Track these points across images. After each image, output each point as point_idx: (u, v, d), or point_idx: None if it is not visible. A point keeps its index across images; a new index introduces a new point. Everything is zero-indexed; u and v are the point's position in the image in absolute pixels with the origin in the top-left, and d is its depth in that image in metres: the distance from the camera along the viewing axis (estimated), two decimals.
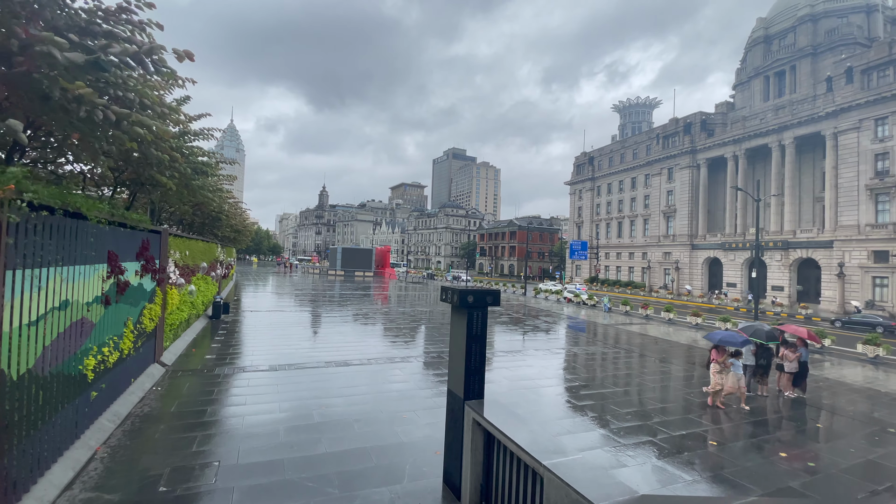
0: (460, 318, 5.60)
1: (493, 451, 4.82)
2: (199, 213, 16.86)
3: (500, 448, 4.62)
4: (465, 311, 5.46)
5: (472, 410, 5.06)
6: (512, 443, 4.11)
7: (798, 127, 52.29)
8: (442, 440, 7.24)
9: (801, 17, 59.27)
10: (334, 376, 10.99)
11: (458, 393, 5.56)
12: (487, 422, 4.65)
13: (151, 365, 10.24)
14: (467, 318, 5.46)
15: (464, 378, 5.42)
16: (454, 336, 5.77)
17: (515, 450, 4.07)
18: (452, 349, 5.81)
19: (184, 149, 9.24)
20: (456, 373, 5.64)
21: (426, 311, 26.57)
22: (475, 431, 5.04)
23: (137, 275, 8.66)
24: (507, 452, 4.41)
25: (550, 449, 3.93)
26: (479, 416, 4.90)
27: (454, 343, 5.76)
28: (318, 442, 7.02)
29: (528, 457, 3.89)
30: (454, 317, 5.79)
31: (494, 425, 4.47)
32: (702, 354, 16.84)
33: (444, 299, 5.76)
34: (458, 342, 5.64)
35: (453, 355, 5.76)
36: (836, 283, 46.14)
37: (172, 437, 6.91)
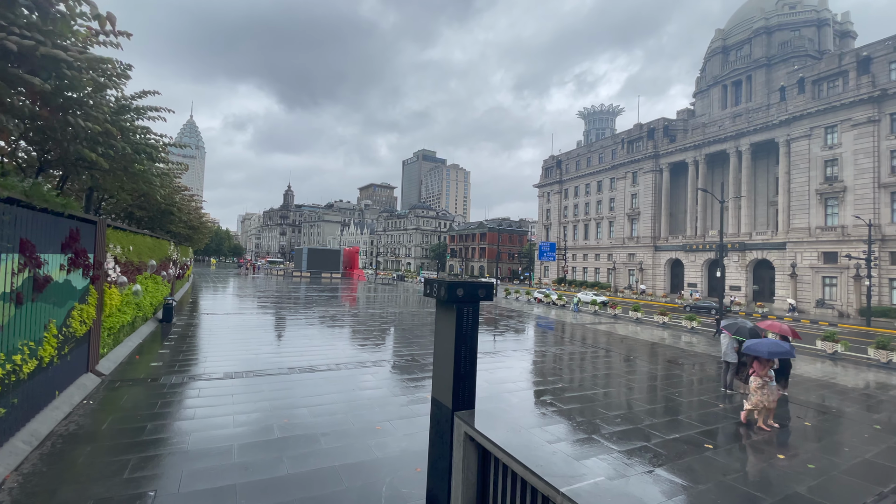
0: (447, 314, 4.83)
1: (489, 470, 4.07)
2: (145, 204, 15.31)
3: (499, 467, 3.88)
4: (454, 307, 4.70)
5: (464, 423, 4.30)
6: (517, 464, 3.38)
7: (754, 134, 54.60)
8: (422, 454, 6.45)
9: (757, 30, 62.09)
10: (298, 384, 9.97)
11: (444, 402, 4.78)
12: (485, 438, 3.90)
13: (84, 375, 8.92)
14: (456, 316, 4.69)
15: (452, 385, 4.65)
16: (440, 336, 5.00)
17: (522, 472, 3.34)
18: (438, 352, 5.03)
19: (122, 122, 8.02)
20: (442, 379, 4.86)
21: (397, 313, 25.63)
22: (467, 447, 4.28)
23: (63, 269, 7.42)
24: (509, 473, 3.68)
25: (565, 472, 3.23)
26: (472, 431, 4.15)
27: (440, 344, 4.98)
28: (279, 461, 6.07)
29: (539, 481, 3.16)
30: (440, 314, 5.01)
31: (495, 443, 3.73)
32: (678, 351, 16.77)
33: (429, 293, 4.98)
34: (444, 343, 4.87)
35: (439, 359, 4.98)
36: (789, 283, 48.26)
37: (101, 461, 5.79)
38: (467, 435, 4.27)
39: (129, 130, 8.29)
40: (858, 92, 43.84)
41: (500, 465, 3.80)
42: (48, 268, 6.75)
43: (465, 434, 4.29)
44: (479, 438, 4.04)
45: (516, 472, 3.49)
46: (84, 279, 8.63)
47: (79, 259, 8.01)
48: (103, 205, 14.24)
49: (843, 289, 43.92)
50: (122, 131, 7.81)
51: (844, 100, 44.88)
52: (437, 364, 5.02)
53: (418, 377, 11.13)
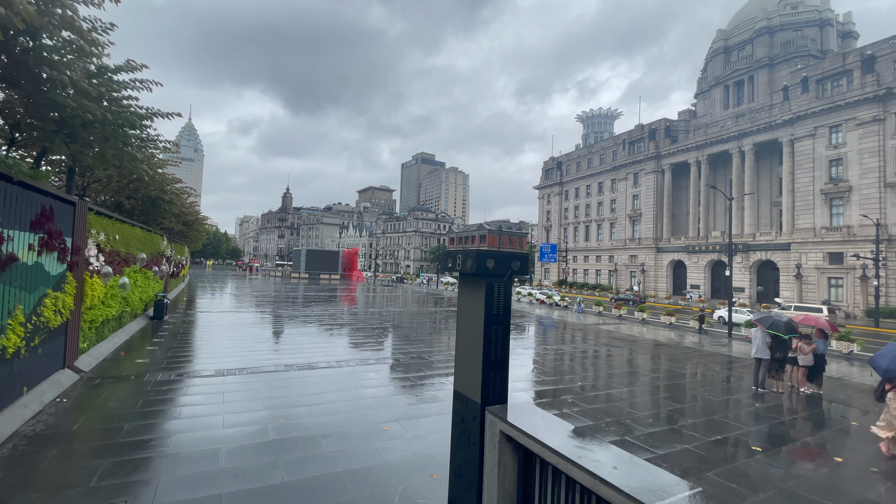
0: (474, 291, 4.06)
1: (533, 477, 3.29)
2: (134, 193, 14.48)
3: (548, 475, 3.10)
4: (483, 282, 3.92)
5: (499, 420, 3.51)
6: (584, 473, 2.60)
7: (757, 134, 54.08)
8: (438, 458, 5.66)
9: (759, 30, 61.74)
10: (296, 382, 9.17)
11: (471, 396, 4.00)
12: (532, 439, 3.11)
13: (59, 371, 8.10)
14: (486, 292, 3.92)
15: (481, 375, 3.87)
16: (464, 318, 4.22)
17: (589, 483, 2.56)
18: (462, 337, 4.25)
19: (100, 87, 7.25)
20: (467, 369, 4.08)
21: (399, 312, 24.82)
22: (504, 450, 3.49)
23: (33, 250, 6.61)
24: (566, 483, 2.90)
25: (651, 484, 2.45)
26: (511, 429, 3.37)
27: (464, 328, 4.20)
28: (273, 467, 5.26)
29: (617, 495, 2.38)
30: (464, 291, 4.24)
31: (549, 446, 2.94)
32: (693, 351, 16.01)
33: (451, 267, 4.21)
34: (470, 326, 4.09)
35: (463, 345, 4.20)
36: (794, 284, 47.62)
37: (67, 467, 4.98)
38: (504, 435, 3.49)
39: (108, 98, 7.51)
40: (863, 91, 43.34)
41: (555, 474, 3.02)
42: (12, 245, 5.95)
43: (500, 434, 3.50)
44: (521, 439, 3.25)
45: (580, 483, 2.71)
46: (60, 265, 7.82)
47: (52, 241, 7.20)
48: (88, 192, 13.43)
49: (850, 290, 43.27)
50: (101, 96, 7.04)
51: (849, 99, 44.39)
52: (462, 351, 4.24)
53: (426, 375, 10.34)
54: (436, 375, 10.33)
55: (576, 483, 2.79)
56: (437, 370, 10.89)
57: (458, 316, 4.34)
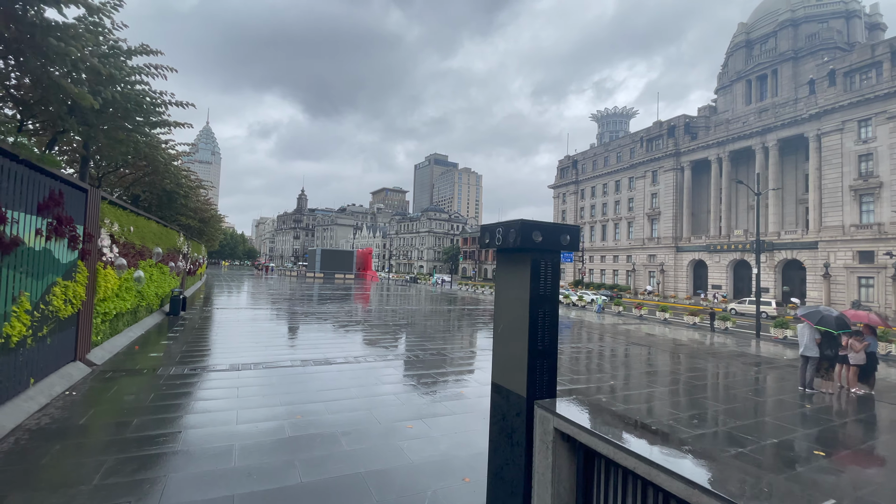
0: (517, 270, 3.56)
1: (597, 483, 2.77)
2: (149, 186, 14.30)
3: (616, 480, 2.59)
4: (528, 258, 3.43)
5: (552, 416, 3.01)
6: (679, 481, 2.07)
7: (781, 129, 52.42)
8: (470, 460, 5.17)
9: (782, 22, 59.92)
10: (313, 377, 8.76)
11: (513, 389, 3.50)
12: (602, 438, 2.59)
13: (70, 363, 7.82)
14: (531, 270, 3.41)
15: (527, 365, 3.37)
16: (504, 301, 3.73)
17: (684, 493, 2.04)
18: (501, 323, 3.76)
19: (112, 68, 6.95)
20: (510, 359, 3.58)
21: (416, 310, 24.39)
22: (558, 450, 2.99)
23: (40, 235, 6.31)
24: (642, 490, 2.38)
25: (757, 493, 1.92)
26: (569, 426, 2.85)
27: (504, 312, 3.71)
28: (290, 467, 4.83)
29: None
30: (505, 271, 3.74)
31: (630, 449, 2.41)
32: (723, 349, 15.22)
33: (488, 243, 3.73)
34: (512, 310, 3.59)
35: (503, 332, 3.71)
36: (822, 284, 45.95)
37: (70, 463, 4.62)
38: (559, 433, 2.98)
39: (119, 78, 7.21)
40: (893, 83, 41.61)
41: (627, 480, 2.50)
42: (17, 228, 5.64)
43: (554, 432, 3.00)
44: (583, 437, 2.73)
45: (667, 492, 2.18)
46: (71, 253, 7.54)
47: (62, 227, 6.91)
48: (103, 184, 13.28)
49: (881, 289, 41.53)
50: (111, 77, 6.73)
51: (879, 92, 42.67)
52: (501, 339, 3.74)
53: (447, 371, 9.85)
54: (457, 372, 9.84)
55: (660, 492, 2.27)
56: (458, 366, 10.40)
57: (497, 299, 3.84)
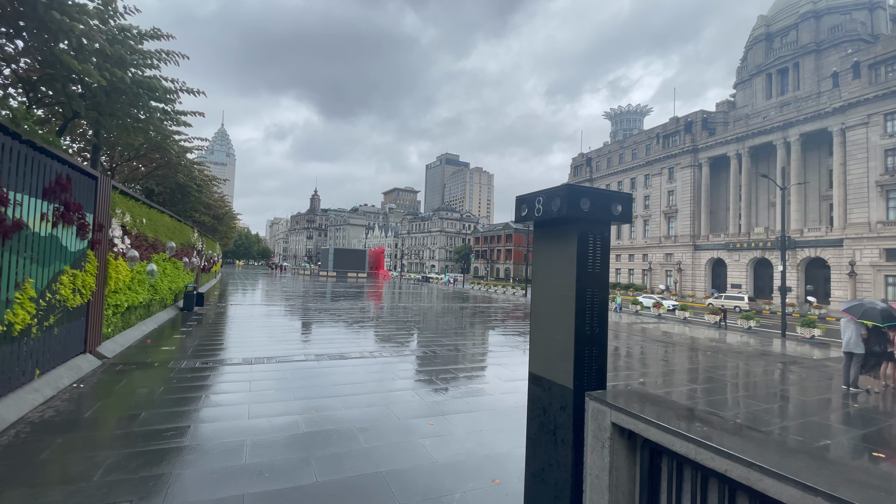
0: (561, 243, 3.13)
1: (671, 487, 2.34)
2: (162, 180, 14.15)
3: (696, 483, 2.16)
4: (574, 230, 3.00)
5: (610, 409, 2.58)
6: (793, 486, 1.64)
7: (804, 123, 50.91)
8: (498, 459, 4.75)
9: (804, 14, 58.24)
10: (328, 371, 8.43)
11: (556, 380, 3.08)
12: (681, 436, 2.15)
13: (80, 356, 7.59)
14: (578, 244, 2.99)
15: (573, 353, 2.94)
16: (544, 281, 3.31)
17: (799, 500, 1.61)
18: (540, 306, 3.34)
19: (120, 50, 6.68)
20: (551, 345, 3.17)
21: (430, 307, 24.03)
22: (617, 449, 2.56)
23: (46, 220, 6.06)
24: (731, 494, 1.95)
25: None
26: (633, 421, 2.42)
27: (545, 294, 3.29)
28: (305, 464, 4.46)
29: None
30: (545, 247, 3.32)
31: (723, 449, 1.98)
32: (749, 348, 14.54)
33: (525, 216, 3.31)
34: (554, 290, 3.17)
35: (543, 317, 3.29)
36: (847, 283, 44.47)
37: (71, 458, 4.32)
38: (618, 429, 2.55)
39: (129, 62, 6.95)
40: None
41: (718, 485, 2.07)
42: (21, 211, 5.39)
43: (612, 428, 2.57)
44: (652, 434, 2.30)
45: (771, 498, 1.75)
46: (80, 241, 7.31)
47: (70, 213, 6.67)
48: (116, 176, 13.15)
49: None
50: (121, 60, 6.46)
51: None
52: (540, 325, 3.32)
53: (466, 367, 9.44)
54: (476, 367, 9.42)
55: (758, 498, 1.84)
56: (476, 362, 9.99)
57: (535, 279, 3.42)
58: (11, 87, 7.50)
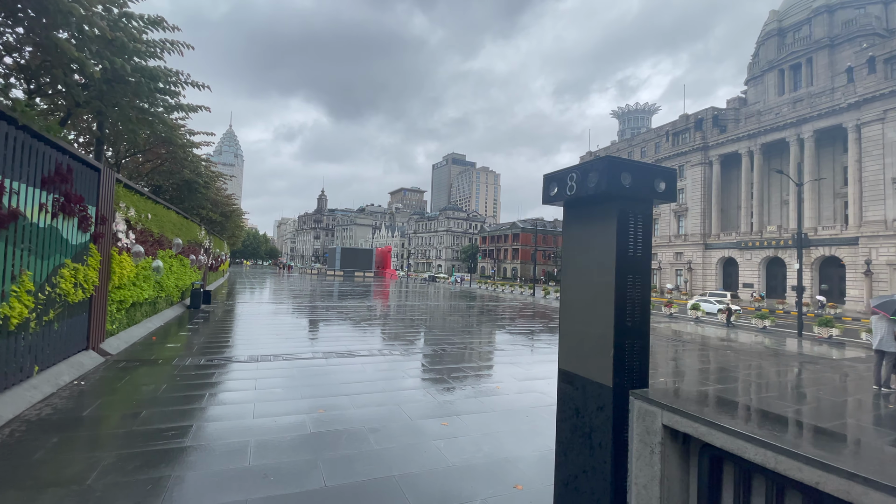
0: (597, 224, 2.81)
1: (737, 502, 2.02)
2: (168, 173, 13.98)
3: (771, 496, 1.83)
4: (614, 208, 2.68)
5: (661, 409, 2.25)
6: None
7: (818, 120, 49.98)
8: (517, 463, 4.44)
9: (817, 9, 57.24)
10: (336, 369, 8.16)
11: (593, 378, 2.76)
12: (757, 441, 1.81)
13: (82, 352, 7.39)
14: (618, 223, 2.67)
15: (613, 346, 2.63)
16: (576, 267, 2.99)
17: None
18: (571, 295, 3.03)
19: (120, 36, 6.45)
20: (586, 339, 2.85)
21: (437, 305, 23.74)
22: (669, 456, 2.24)
23: (44, 211, 5.84)
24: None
25: None
26: (693, 423, 2.10)
27: (578, 281, 2.97)
28: (312, 467, 4.18)
29: None
30: (577, 230, 3.00)
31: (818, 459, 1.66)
32: (769, 348, 14.09)
33: (555, 196, 3.00)
34: (590, 276, 2.85)
35: (576, 307, 2.97)
36: (863, 282, 43.57)
37: (65, 459, 4.07)
38: (670, 432, 2.22)
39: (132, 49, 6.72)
40: None
41: (802, 499, 1.74)
42: (17, 200, 5.16)
43: (663, 431, 2.24)
44: (720, 440, 1.97)
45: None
46: (82, 234, 7.10)
47: (71, 205, 6.45)
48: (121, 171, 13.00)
49: None
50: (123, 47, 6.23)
51: None
52: (572, 316, 3.00)
53: (479, 366, 9.13)
54: (489, 366, 9.11)
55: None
56: (489, 361, 9.67)
57: (566, 266, 3.10)
58: (13, 78, 7.32)
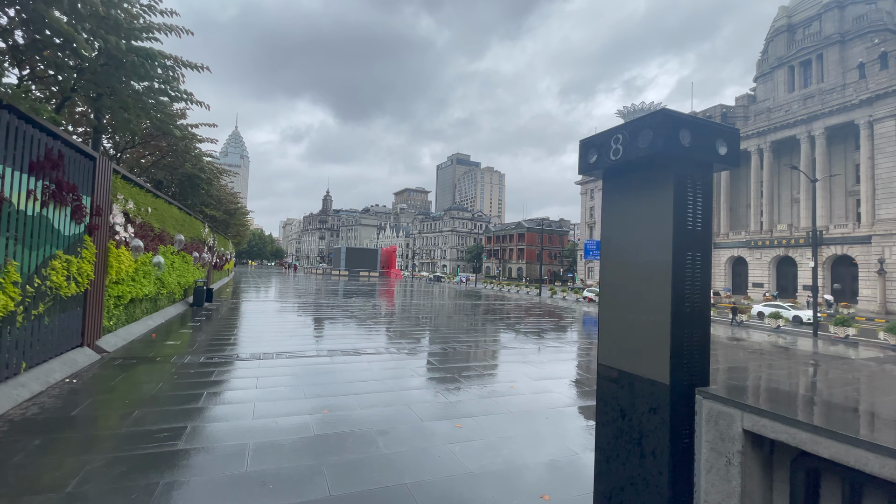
0: (650, 194, 2.41)
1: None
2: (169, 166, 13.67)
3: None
4: (670, 174, 2.28)
5: (741, 411, 1.85)
6: None
7: (829, 116, 49.18)
8: (539, 471, 4.02)
9: (827, 4, 56.41)
10: (341, 368, 7.78)
11: (644, 374, 2.36)
12: (880, 450, 1.43)
13: (77, 349, 7.05)
14: (675, 192, 2.27)
15: (670, 337, 2.22)
16: (621, 244, 2.58)
17: None
18: (614, 278, 2.62)
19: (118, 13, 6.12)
20: (634, 329, 2.45)
21: (444, 304, 23.35)
22: (750, 468, 1.83)
23: (32, 198, 5.50)
24: None
25: None
26: (790, 429, 1.69)
27: (622, 260, 2.57)
28: (316, 473, 3.79)
29: None
30: (619, 202, 2.60)
31: None
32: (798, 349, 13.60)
33: (595, 163, 2.60)
34: (639, 254, 2.45)
35: (621, 293, 2.57)
36: (877, 281, 42.75)
37: (46, 462, 3.71)
38: (753, 438, 1.82)
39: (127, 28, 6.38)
40: None
41: None
42: (3, 185, 4.81)
43: (743, 437, 1.83)
44: (830, 449, 1.56)
45: None
46: (76, 225, 6.77)
47: (62, 193, 6.12)
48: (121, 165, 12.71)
49: None
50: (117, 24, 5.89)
51: None
52: (616, 303, 2.60)
53: (490, 364, 8.73)
54: (502, 364, 8.71)
55: None
56: (501, 359, 9.27)
57: (606, 247, 2.69)
58: (7, 63, 7.01)
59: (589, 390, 7.05)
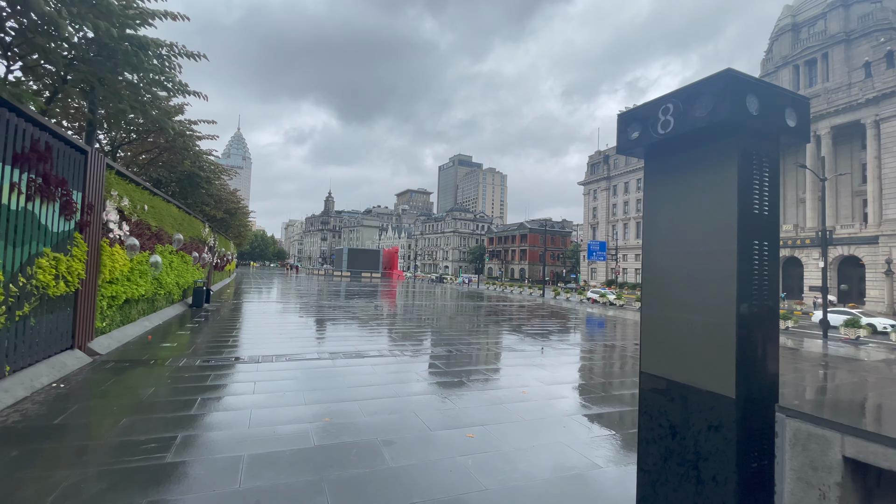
0: (709, 171, 2.06)
1: None
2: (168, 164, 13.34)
3: None
4: (734, 149, 1.94)
5: (841, 434, 1.50)
6: None
7: (834, 116, 48.77)
8: (565, 487, 3.66)
9: (832, 3, 55.99)
10: (344, 372, 7.43)
11: (704, 386, 2.01)
12: None
13: (66, 351, 6.73)
14: (740, 169, 1.92)
15: (735, 343, 1.87)
16: (666, 235, 2.24)
17: None
18: (662, 272, 2.27)
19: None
20: (689, 333, 2.10)
21: (447, 305, 22.99)
22: (849, 501, 1.48)
23: (16, 191, 5.17)
24: None
25: None
26: None
27: (669, 253, 2.22)
28: (317, 491, 3.45)
29: None
30: (667, 183, 2.26)
31: None
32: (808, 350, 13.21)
33: (638, 139, 2.25)
34: (692, 246, 2.10)
35: (669, 288, 2.22)
36: (884, 282, 42.28)
37: (20, 478, 3.37)
38: (852, 466, 1.46)
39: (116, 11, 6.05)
40: None
41: None
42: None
43: (843, 466, 1.48)
44: None
45: None
46: (65, 222, 6.45)
47: (50, 188, 5.79)
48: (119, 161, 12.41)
49: None
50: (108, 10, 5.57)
51: None
52: (665, 300, 2.25)
53: (499, 368, 8.38)
54: (511, 368, 8.34)
55: None
56: (509, 363, 8.91)
57: (648, 233, 2.34)
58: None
59: (605, 396, 6.69)
